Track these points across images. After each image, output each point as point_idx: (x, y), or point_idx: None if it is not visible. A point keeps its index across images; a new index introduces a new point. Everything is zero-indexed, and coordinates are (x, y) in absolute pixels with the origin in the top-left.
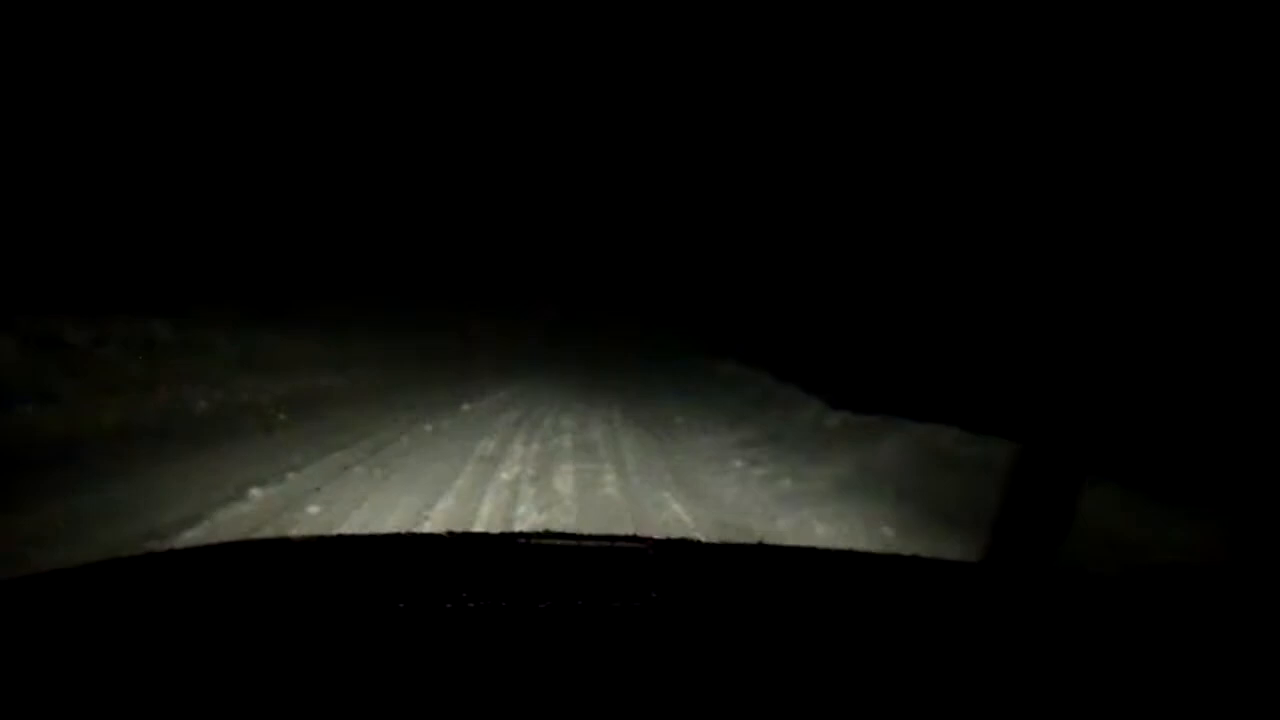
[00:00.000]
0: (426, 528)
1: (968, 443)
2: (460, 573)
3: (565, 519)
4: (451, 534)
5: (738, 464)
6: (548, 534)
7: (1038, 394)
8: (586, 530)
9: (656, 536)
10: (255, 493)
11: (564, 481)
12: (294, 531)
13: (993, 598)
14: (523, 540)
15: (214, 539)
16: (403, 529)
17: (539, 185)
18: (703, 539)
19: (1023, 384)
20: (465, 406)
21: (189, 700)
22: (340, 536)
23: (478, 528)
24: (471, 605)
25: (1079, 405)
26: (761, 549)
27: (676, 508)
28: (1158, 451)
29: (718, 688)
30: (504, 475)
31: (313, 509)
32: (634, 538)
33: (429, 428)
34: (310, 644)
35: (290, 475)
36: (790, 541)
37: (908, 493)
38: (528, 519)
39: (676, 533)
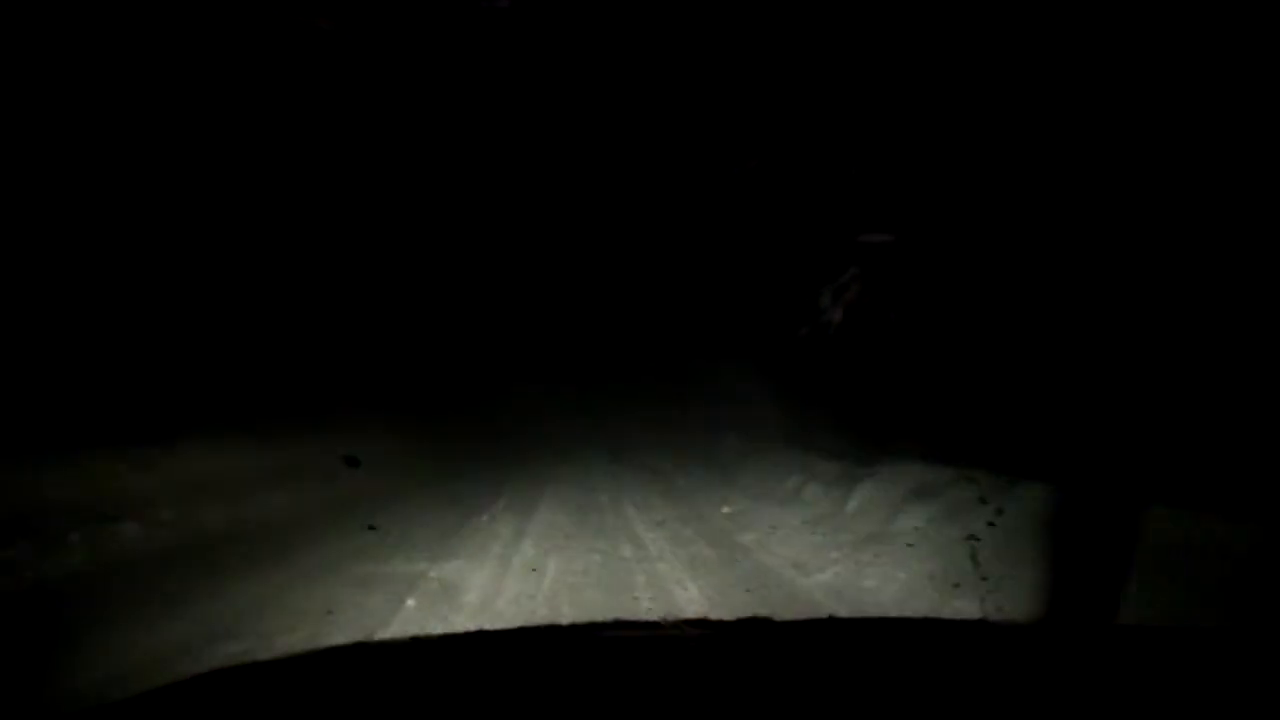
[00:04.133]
0: None
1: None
2: (509, 684)
3: None
4: (485, 633)
5: None
6: (600, 625)
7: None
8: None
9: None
10: None
11: None
12: None
13: (1047, 663)
14: (582, 634)
15: None
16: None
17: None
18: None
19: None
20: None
21: None
22: (386, 643)
23: None
24: None
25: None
26: (835, 623)
27: None
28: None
29: None
30: None
31: None
32: (701, 621)
33: None
34: None
35: None
36: None
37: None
38: None
39: None
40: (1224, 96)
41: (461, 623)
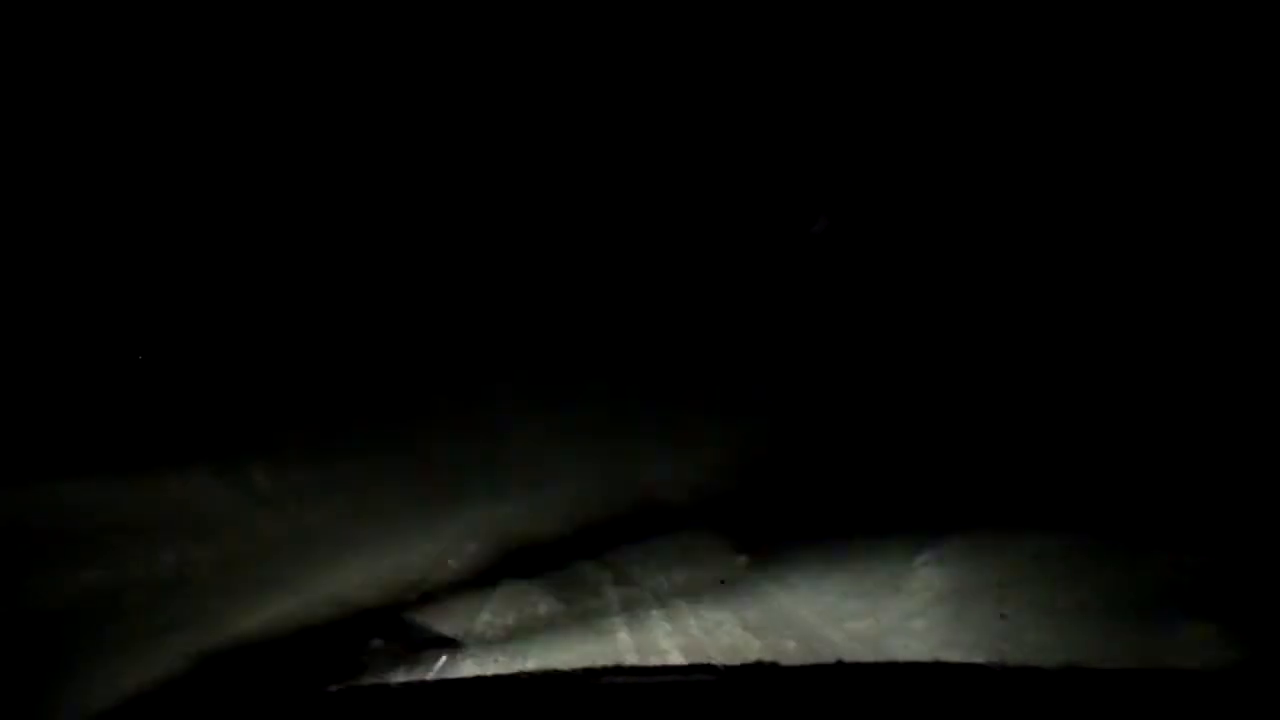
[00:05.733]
0: None
1: None
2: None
3: None
4: (522, 675)
5: None
6: (621, 669)
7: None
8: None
9: (728, 663)
10: None
11: None
12: None
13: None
14: (595, 680)
15: None
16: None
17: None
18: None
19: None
20: None
21: None
22: (418, 684)
23: None
24: None
25: None
26: (842, 669)
27: None
28: None
29: None
30: None
31: None
32: (707, 667)
33: None
34: None
35: None
36: None
37: None
38: None
39: None
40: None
41: None
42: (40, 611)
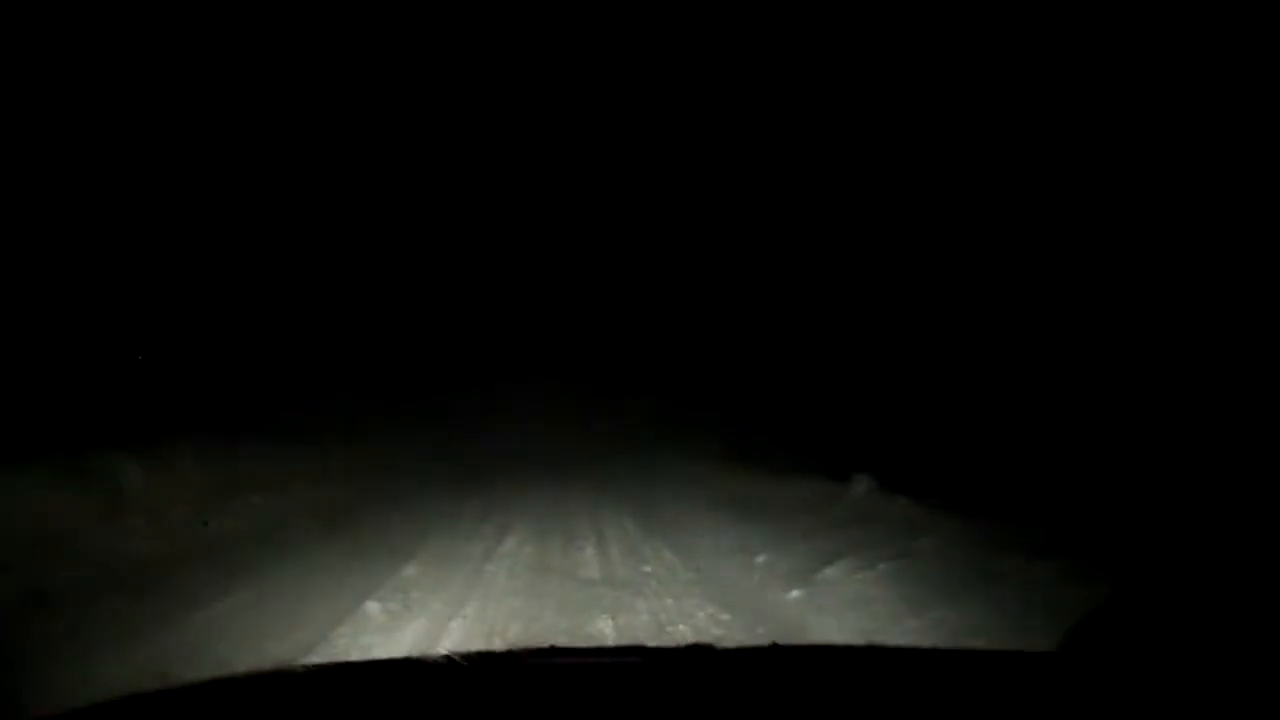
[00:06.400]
0: None
1: None
2: (459, 703)
3: None
4: (449, 657)
5: None
6: (553, 650)
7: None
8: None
9: (666, 645)
10: None
11: None
12: None
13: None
14: (528, 661)
15: None
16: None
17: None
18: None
19: None
20: None
21: None
22: (341, 664)
23: None
24: None
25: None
26: (777, 650)
27: None
28: None
29: None
30: None
31: None
32: (637, 649)
33: None
34: None
35: None
36: None
37: None
38: None
39: None
40: None
41: None
42: None
